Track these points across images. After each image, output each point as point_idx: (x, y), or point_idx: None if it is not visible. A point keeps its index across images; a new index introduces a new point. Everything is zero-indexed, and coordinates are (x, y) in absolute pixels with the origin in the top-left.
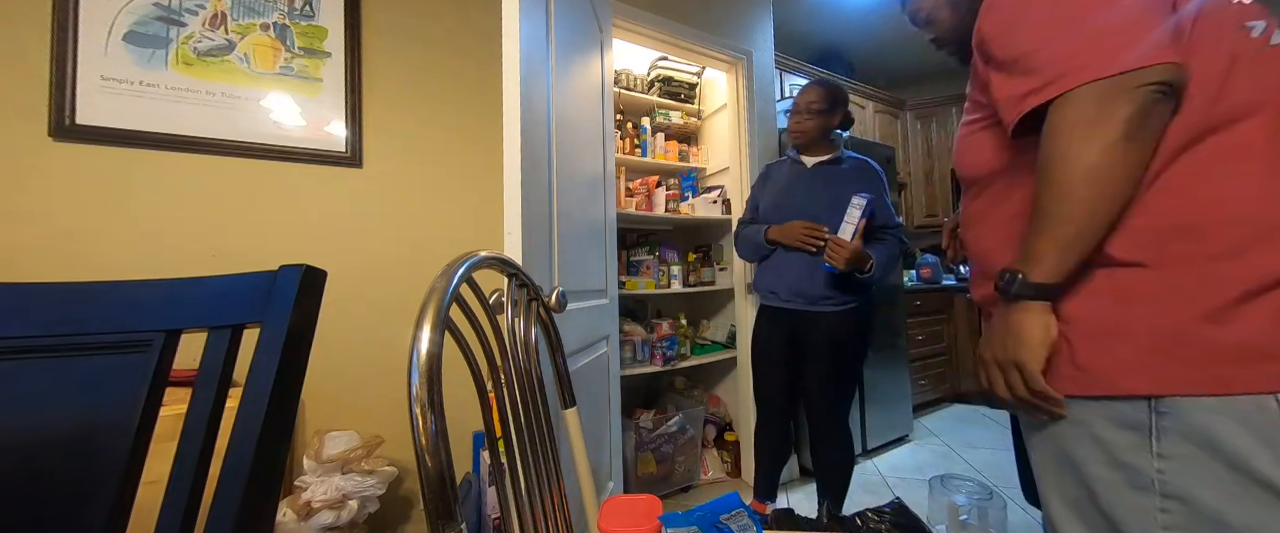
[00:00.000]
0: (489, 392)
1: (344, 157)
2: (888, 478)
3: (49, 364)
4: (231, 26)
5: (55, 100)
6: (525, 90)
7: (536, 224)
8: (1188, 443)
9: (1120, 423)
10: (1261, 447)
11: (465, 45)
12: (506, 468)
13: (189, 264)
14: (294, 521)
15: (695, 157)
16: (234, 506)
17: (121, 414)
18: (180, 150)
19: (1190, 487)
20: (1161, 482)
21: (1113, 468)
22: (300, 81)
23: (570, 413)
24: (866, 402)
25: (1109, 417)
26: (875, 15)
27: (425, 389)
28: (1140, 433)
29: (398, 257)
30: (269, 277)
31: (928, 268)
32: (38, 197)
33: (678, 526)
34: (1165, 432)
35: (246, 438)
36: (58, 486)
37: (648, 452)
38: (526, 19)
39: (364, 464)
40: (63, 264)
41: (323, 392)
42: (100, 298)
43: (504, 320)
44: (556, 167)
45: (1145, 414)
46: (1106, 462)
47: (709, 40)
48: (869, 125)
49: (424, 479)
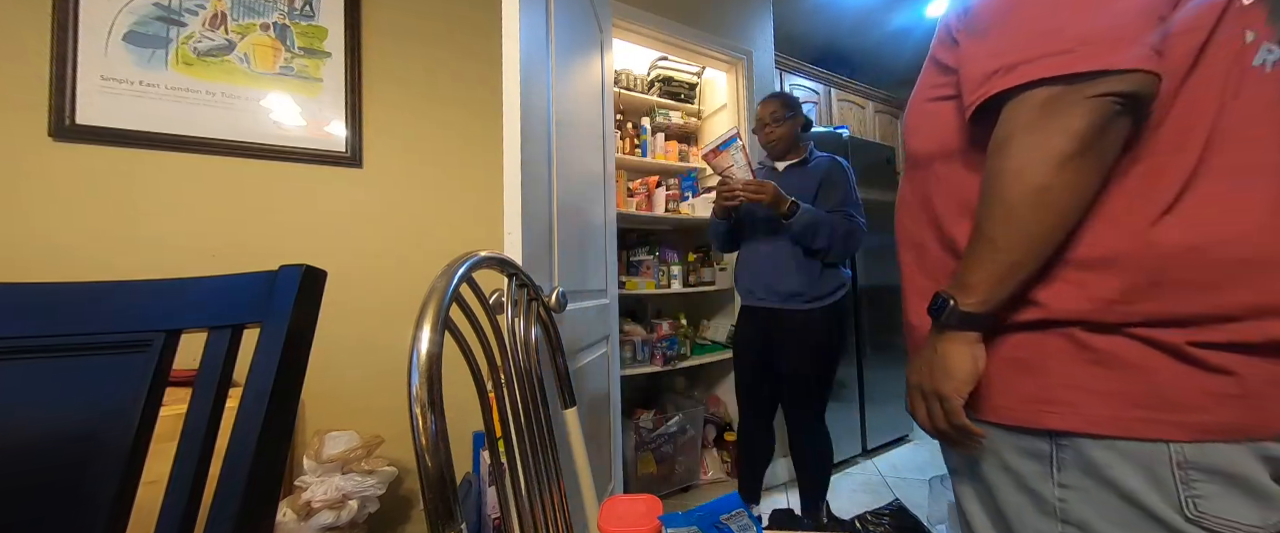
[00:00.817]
0: (489, 392)
1: (344, 157)
2: (888, 478)
3: (49, 364)
4: (231, 26)
5: (55, 100)
6: (525, 90)
7: (536, 224)
8: (1086, 477)
9: (1026, 452)
10: (1152, 489)
11: (465, 45)
12: (506, 468)
13: (189, 264)
14: (294, 521)
15: (695, 157)
16: (234, 506)
17: (121, 414)
18: (180, 150)
19: (1088, 516)
20: (1063, 509)
21: (1021, 492)
22: (300, 81)
23: (570, 413)
24: (866, 402)
25: (1016, 445)
26: (875, 15)
27: (425, 389)
28: (1043, 463)
29: (398, 256)
30: (269, 277)
31: None
32: (37, 197)
33: (678, 526)
34: (1065, 464)
35: (246, 438)
36: (58, 486)
37: (648, 452)
38: (526, 19)
39: (364, 464)
40: (63, 264)
41: (323, 392)
42: (100, 298)
43: (504, 320)
44: (556, 167)
45: (1047, 445)
46: (1015, 486)
47: (709, 40)
48: (869, 125)
49: (424, 479)
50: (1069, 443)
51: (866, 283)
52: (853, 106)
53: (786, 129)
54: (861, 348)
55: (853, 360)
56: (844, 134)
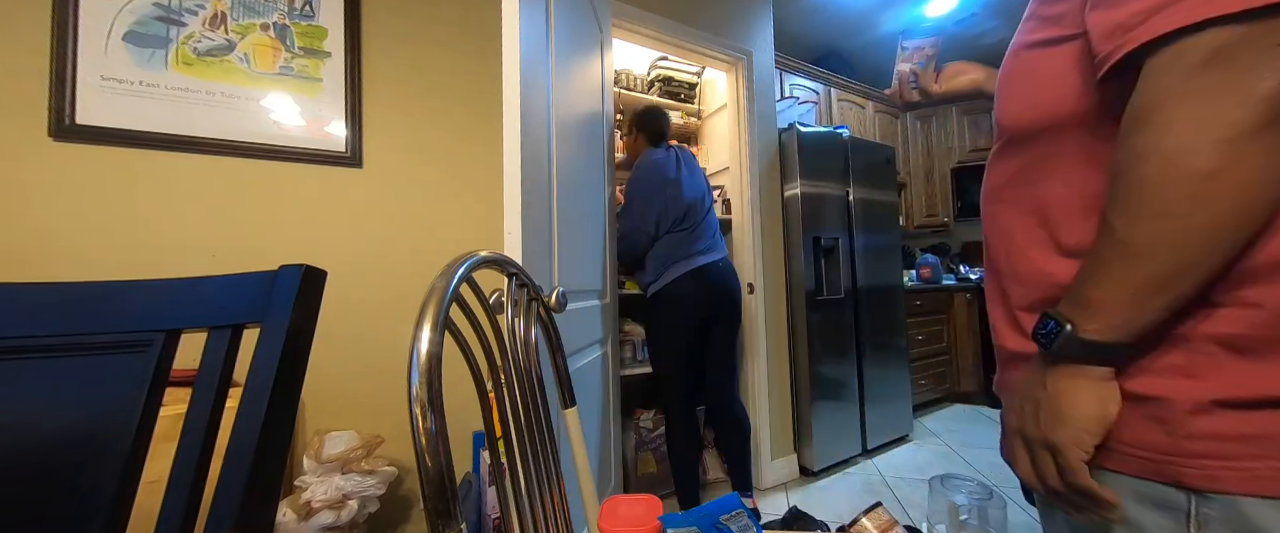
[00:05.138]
0: (489, 392)
1: (344, 156)
2: (888, 478)
3: (49, 364)
4: (231, 26)
5: (55, 100)
6: (525, 90)
7: (536, 224)
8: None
9: (1151, 501)
10: None
11: (466, 44)
12: (506, 468)
13: (189, 264)
14: (294, 521)
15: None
16: (234, 506)
17: (121, 414)
18: (180, 150)
19: None
20: None
21: None
22: (300, 81)
23: (570, 413)
24: (866, 402)
25: (1137, 491)
26: (875, 15)
27: (425, 389)
28: (1176, 516)
29: (398, 256)
30: (269, 277)
31: (928, 268)
32: (37, 197)
33: (678, 526)
34: (1208, 521)
35: (246, 438)
36: (58, 486)
37: (648, 452)
38: (526, 19)
39: (364, 464)
40: (63, 264)
41: (323, 392)
42: (100, 298)
43: (504, 320)
44: (556, 167)
45: (1183, 497)
46: None
47: (709, 40)
48: (869, 125)
49: (424, 479)
50: (1217, 498)
51: (866, 283)
52: (853, 107)
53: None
54: (861, 348)
55: (853, 360)
56: (844, 134)
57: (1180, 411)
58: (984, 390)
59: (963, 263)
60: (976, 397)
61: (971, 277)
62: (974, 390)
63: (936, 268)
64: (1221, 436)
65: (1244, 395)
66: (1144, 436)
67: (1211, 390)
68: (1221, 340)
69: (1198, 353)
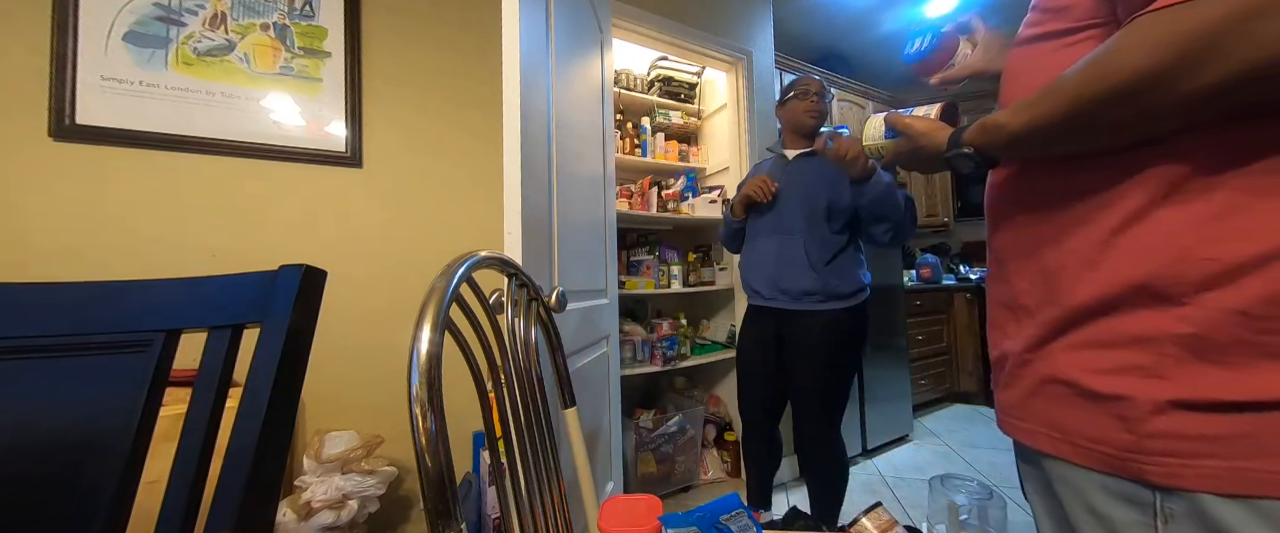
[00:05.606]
0: (489, 392)
1: (344, 156)
2: (888, 478)
3: (49, 364)
4: (231, 26)
5: (55, 100)
6: (525, 90)
7: (536, 224)
8: (1200, 530)
9: (1119, 496)
10: None
11: (466, 44)
12: (506, 468)
13: (189, 264)
14: (294, 521)
15: (695, 156)
16: (234, 506)
17: (121, 414)
18: (180, 150)
19: None
20: None
21: None
22: (300, 81)
23: (570, 413)
24: (866, 402)
25: (1105, 487)
26: (875, 15)
27: (425, 389)
28: (1143, 511)
29: (398, 256)
30: (269, 277)
31: (928, 268)
32: (37, 196)
33: (678, 526)
34: (1174, 515)
35: (246, 438)
36: (58, 485)
37: (648, 452)
38: (526, 19)
39: (364, 464)
40: (63, 264)
41: (323, 392)
42: (100, 298)
43: (504, 320)
44: (556, 167)
45: (1149, 492)
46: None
47: (709, 40)
48: None
49: (424, 479)
50: (1181, 494)
51: None
52: (853, 107)
53: (824, 109)
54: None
55: None
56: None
57: (1142, 409)
58: (984, 391)
59: (963, 263)
60: (976, 397)
61: (972, 277)
62: (974, 391)
63: (936, 268)
64: (1180, 435)
65: (1202, 398)
66: (1109, 433)
67: (1172, 391)
68: (1183, 342)
69: (1160, 354)
